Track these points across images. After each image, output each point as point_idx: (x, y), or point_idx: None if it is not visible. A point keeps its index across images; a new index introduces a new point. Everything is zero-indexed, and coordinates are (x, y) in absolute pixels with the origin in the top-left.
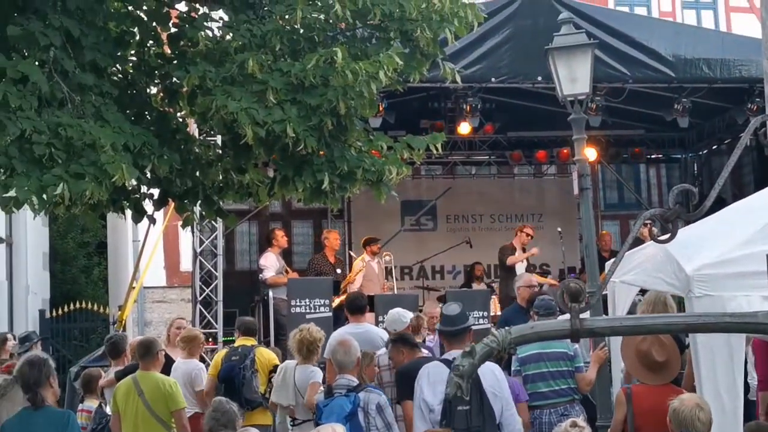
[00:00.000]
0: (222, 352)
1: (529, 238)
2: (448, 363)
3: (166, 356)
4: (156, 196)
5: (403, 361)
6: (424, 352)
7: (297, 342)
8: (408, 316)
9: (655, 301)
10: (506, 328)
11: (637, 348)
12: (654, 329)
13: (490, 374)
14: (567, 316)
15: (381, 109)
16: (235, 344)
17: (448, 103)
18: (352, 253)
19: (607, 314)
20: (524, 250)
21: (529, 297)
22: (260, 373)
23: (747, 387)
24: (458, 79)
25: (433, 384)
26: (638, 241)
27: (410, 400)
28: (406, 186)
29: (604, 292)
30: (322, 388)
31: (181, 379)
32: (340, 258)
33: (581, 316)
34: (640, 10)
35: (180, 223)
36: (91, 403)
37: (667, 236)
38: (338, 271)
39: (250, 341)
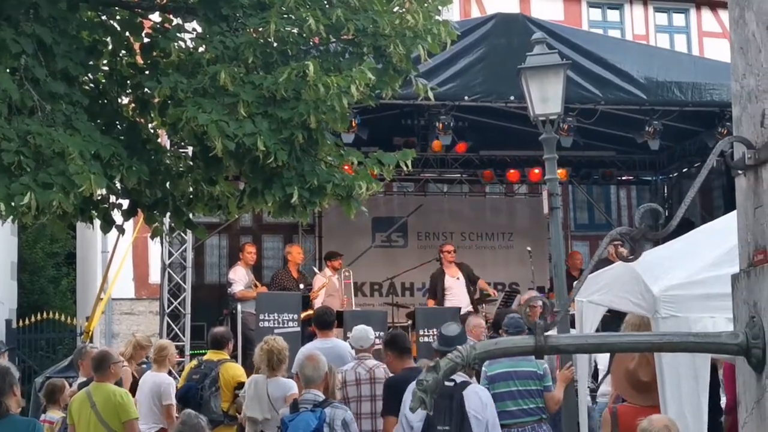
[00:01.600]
0: (190, 365)
1: (451, 253)
2: None
3: None
4: (125, 207)
5: (390, 364)
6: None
7: (265, 353)
8: (373, 333)
9: (641, 325)
10: (471, 343)
11: (625, 367)
12: (619, 348)
13: (476, 398)
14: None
15: (354, 125)
16: (204, 357)
17: (421, 120)
18: (315, 269)
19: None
20: (458, 265)
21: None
22: (223, 389)
23: (720, 409)
24: (431, 95)
25: None
26: (607, 262)
27: (392, 415)
28: (378, 202)
29: (571, 312)
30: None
31: (149, 392)
32: (302, 273)
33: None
34: (614, 33)
35: (149, 234)
36: (54, 414)
37: (632, 255)
38: (301, 285)
39: (218, 355)
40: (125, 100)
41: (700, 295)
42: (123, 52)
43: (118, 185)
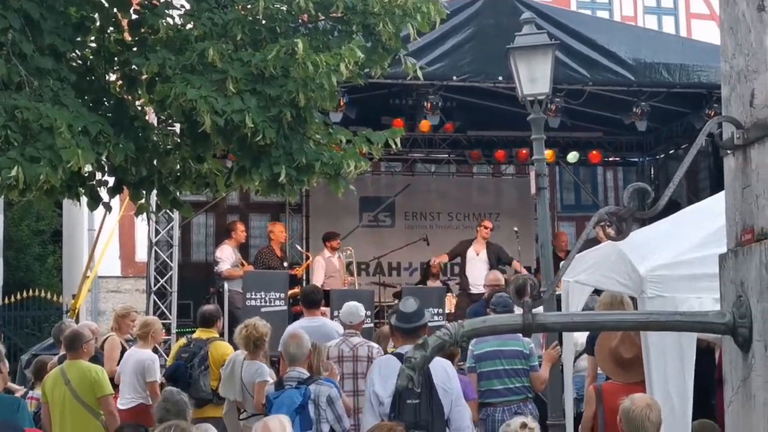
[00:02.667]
0: (179, 344)
1: (488, 230)
2: (400, 357)
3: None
4: (111, 184)
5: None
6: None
7: (243, 338)
8: (363, 310)
9: (611, 303)
10: (459, 321)
11: (608, 346)
12: (605, 326)
13: (441, 370)
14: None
15: (342, 104)
16: (194, 336)
17: (409, 100)
18: (298, 246)
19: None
20: (488, 245)
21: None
22: (213, 368)
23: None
24: (420, 74)
25: (384, 377)
26: (596, 242)
27: None
28: (365, 182)
29: (558, 292)
30: (270, 380)
31: (132, 369)
32: (285, 252)
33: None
34: (602, 14)
35: (135, 212)
36: (41, 391)
37: (620, 235)
38: (285, 264)
39: (207, 333)
40: (113, 77)
41: (686, 276)
42: (111, 28)
43: (104, 162)
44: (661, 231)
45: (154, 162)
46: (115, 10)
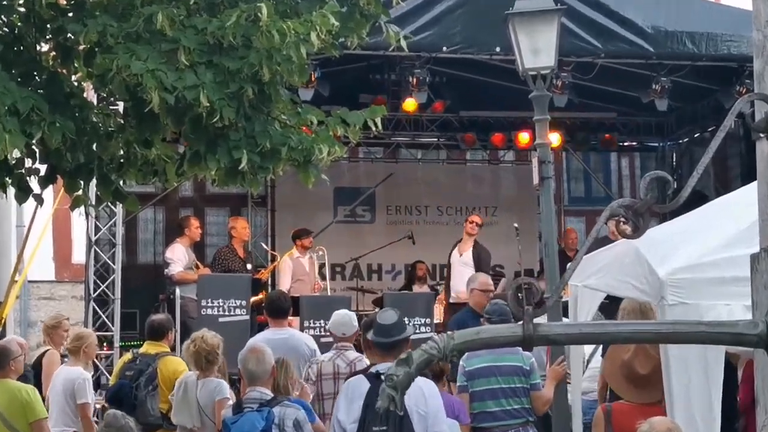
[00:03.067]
0: (123, 359)
1: (473, 225)
2: (370, 377)
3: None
4: (43, 172)
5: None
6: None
7: (193, 354)
8: (356, 320)
9: (642, 311)
10: (448, 333)
11: (620, 359)
12: (618, 338)
13: (416, 390)
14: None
15: (313, 79)
16: (140, 350)
17: (391, 75)
18: (263, 245)
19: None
20: (475, 244)
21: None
22: (162, 388)
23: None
24: (404, 45)
25: (350, 400)
26: (607, 241)
27: None
28: (341, 170)
29: (565, 298)
30: (231, 399)
31: (61, 389)
32: (250, 252)
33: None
34: None
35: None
36: None
37: (636, 232)
38: (248, 266)
39: (155, 348)
40: (45, 47)
41: (713, 279)
42: None
43: (35, 146)
44: (684, 227)
45: (93, 147)
46: None
